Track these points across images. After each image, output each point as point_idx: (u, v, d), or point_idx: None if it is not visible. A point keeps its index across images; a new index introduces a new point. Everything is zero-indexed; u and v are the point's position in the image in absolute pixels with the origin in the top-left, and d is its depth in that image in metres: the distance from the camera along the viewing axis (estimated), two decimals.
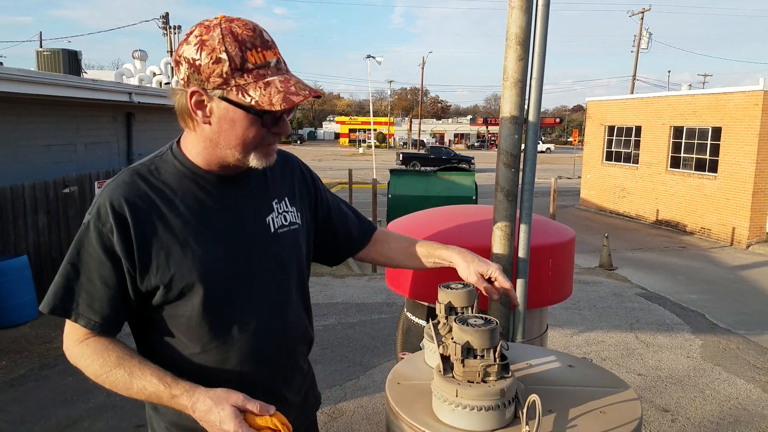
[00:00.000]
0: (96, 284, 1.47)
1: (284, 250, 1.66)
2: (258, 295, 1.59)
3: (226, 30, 1.39)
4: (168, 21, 28.06)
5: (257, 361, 1.60)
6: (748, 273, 12.05)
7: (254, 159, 1.49)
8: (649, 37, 38.43)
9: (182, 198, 1.52)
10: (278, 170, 1.74)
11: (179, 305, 1.51)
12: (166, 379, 1.42)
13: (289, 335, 1.69)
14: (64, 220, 8.57)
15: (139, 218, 1.47)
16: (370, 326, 7.54)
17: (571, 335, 7.52)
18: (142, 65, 16.11)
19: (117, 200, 1.46)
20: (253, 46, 1.40)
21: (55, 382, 5.73)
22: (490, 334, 1.37)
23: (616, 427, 1.37)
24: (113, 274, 1.47)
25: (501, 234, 2.32)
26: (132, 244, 1.46)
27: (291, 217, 1.70)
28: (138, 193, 1.49)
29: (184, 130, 1.57)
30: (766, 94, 14.52)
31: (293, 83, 1.42)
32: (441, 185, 13.16)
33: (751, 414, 5.42)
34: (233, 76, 1.39)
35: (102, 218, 1.46)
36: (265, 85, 1.39)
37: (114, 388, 1.47)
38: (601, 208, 21.37)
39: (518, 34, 2.15)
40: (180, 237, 1.49)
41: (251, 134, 1.45)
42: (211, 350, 1.55)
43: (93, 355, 1.48)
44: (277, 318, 1.64)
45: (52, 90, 8.32)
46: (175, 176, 1.54)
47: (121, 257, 1.46)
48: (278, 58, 1.45)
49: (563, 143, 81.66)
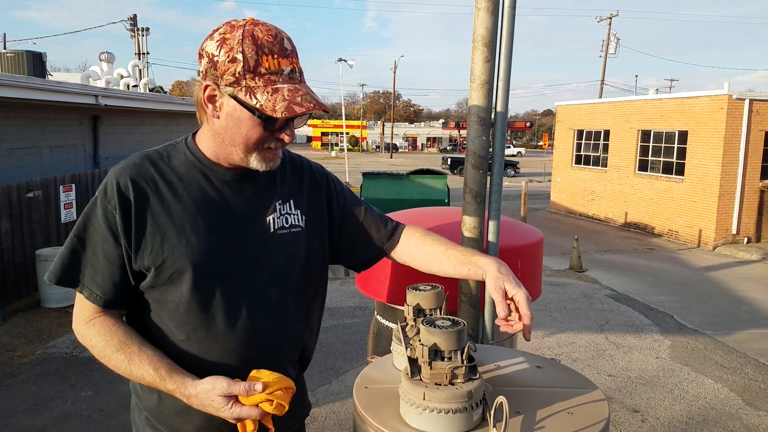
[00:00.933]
0: (100, 259, 1.53)
1: (281, 252, 1.65)
2: (248, 293, 1.59)
3: (248, 32, 1.44)
4: (136, 23, 27.73)
5: (240, 358, 1.58)
6: (714, 274, 12.25)
7: (255, 160, 1.53)
8: (617, 43, 38.99)
9: (186, 186, 1.56)
10: (288, 172, 1.75)
11: (169, 290, 1.54)
12: (160, 371, 1.48)
13: (278, 338, 1.66)
14: (28, 225, 8.40)
15: (141, 199, 1.52)
16: (343, 330, 7.50)
17: (542, 337, 7.56)
18: (109, 67, 15.89)
19: (123, 180, 1.52)
20: (270, 52, 1.44)
21: (18, 390, 5.61)
22: (458, 336, 1.35)
23: (583, 427, 1.36)
24: (114, 252, 1.52)
25: (470, 235, 2.31)
26: (131, 224, 1.51)
27: (293, 220, 1.69)
28: (144, 175, 1.55)
29: (198, 127, 1.64)
30: (731, 99, 14.79)
31: (301, 94, 1.46)
32: (413, 188, 13.16)
33: (719, 413, 5.50)
34: (245, 77, 1.44)
35: (108, 196, 1.52)
36: (273, 91, 1.44)
37: (117, 371, 1.53)
38: (571, 211, 21.57)
39: (485, 35, 2.15)
40: (178, 223, 1.53)
41: (254, 135, 1.49)
42: (195, 340, 1.56)
43: (98, 335, 1.53)
44: (267, 319, 1.62)
45: (15, 92, 8.16)
46: (183, 165, 1.59)
47: (120, 235, 1.51)
48: (294, 68, 1.49)
49: (534, 147, 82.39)
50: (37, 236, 8.58)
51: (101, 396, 5.45)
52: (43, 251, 8.26)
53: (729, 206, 15.30)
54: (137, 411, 1.70)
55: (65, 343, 6.87)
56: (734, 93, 14.81)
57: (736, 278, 11.79)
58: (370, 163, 47.71)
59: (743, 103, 14.80)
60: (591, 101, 21.84)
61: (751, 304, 9.75)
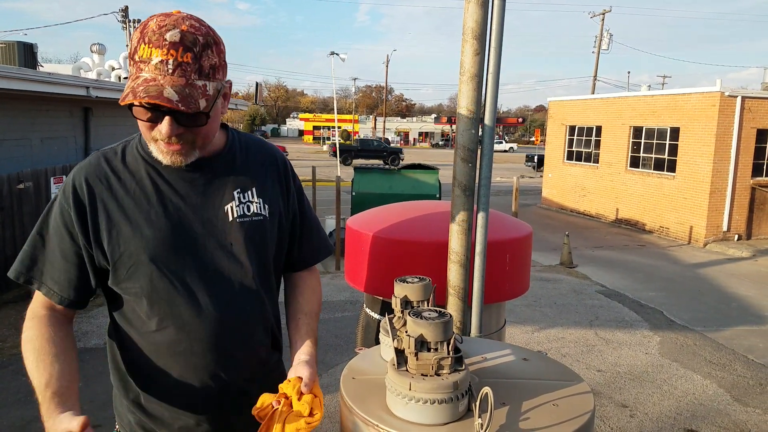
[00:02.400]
0: (57, 257, 1.58)
1: (244, 239, 1.66)
2: (209, 281, 1.61)
3: (145, 22, 1.46)
4: (127, 14, 27.49)
5: (210, 346, 1.61)
6: (705, 271, 12.31)
7: (155, 151, 1.56)
8: (609, 39, 39.01)
9: (139, 181, 1.60)
10: (250, 160, 1.75)
11: (130, 283, 1.58)
12: (47, 391, 1.48)
13: (245, 324, 1.68)
14: (19, 217, 8.35)
15: (95, 197, 1.57)
16: (333, 324, 7.51)
17: (531, 332, 7.59)
18: (100, 59, 15.78)
19: (79, 180, 1.58)
20: (149, 41, 1.42)
21: (8, 382, 5.58)
22: (444, 327, 1.36)
23: (568, 419, 1.37)
24: (71, 250, 1.57)
25: (458, 228, 2.31)
26: (87, 221, 1.56)
27: (255, 208, 1.70)
28: (99, 173, 1.59)
29: None
30: (723, 96, 14.84)
31: (148, 85, 1.41)
32: (405, 183, 13.17)
33: (708, 409, 5.54)
34: (130, 63, 1.47)
35: (65, 195, 1.58)
36: (134, 79, 1.44)
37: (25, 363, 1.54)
38: (563, 207, 21.63)
39: (474, 28, 2.15)
40: (131, 217, 1.57)
41: (141, 123, 1.50)
42: (164, 329, 1.59)
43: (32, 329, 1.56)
44: (231, 306, 1.64)
45: (6, 83, 8.10)
46: (135, 160, 1.62)
47: (78, 234, 1.56)
48: (165, 59, 1.42)
49: (526, 143, 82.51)
50: (27, 228, 8.53)
51: (91, 387, 5.43)
52: None
53: (720, 203, 15.37)
54: (119, 399, 1.73)
55: None
56: (726, 90, 14.86)
57: (726, 275, 11.86)
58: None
59: (735, 100, 14.86)
60: (583, 97, 21.87)
61: (740, 301, 9.81)
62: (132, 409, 1.68)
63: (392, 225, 2.73)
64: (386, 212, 2.99)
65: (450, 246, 2.36)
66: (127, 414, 1.69)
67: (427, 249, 2.59)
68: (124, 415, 1.71)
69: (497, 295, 2.66)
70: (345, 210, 12.37)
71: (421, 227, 2.72)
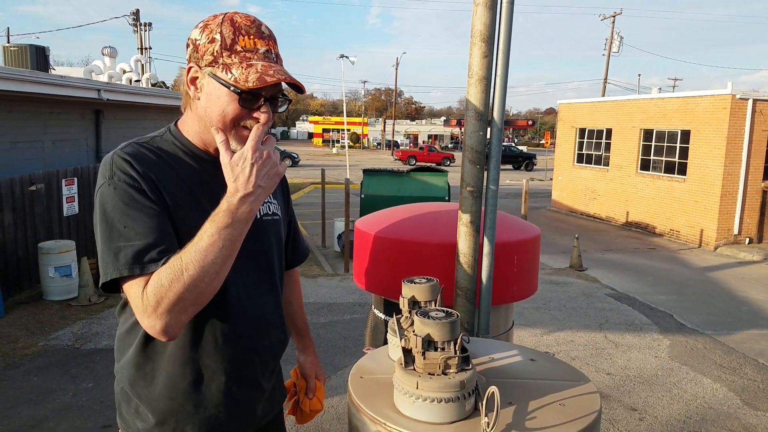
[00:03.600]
0: (157, 229, 1.45)
1: (268, 238, 1.73)
2: (240, 278, 1.63)
3: (228, 17, 1.52)
4: (138, 18, 27.70)
5: (234, 342, 1.64)
6: (715, 274, 12.24)
7: (231, 141, 1.53)
8: (620, 41, 38.89)
9: (183, 170, 1.59)
10: None
11: None
12: (215, 217, 1.42)
13: (267, 321, 1.74)
14: (31, 218, 8.42)
15: (150, 173, 1.51)
16: (342, 326, 7.52)
17: (541, 335, 7.57)
18: (111, 62, 15.87)
19: (129, 159, 1.50)
20: (247, 33, 1.51)
21: (20, 382, 5.63)
22: (451, 327, 1.37)
23: (575, 419, 1.38)
24: (163, 214, 1.48)
25: (466, 230, 2.32)
26: (157, 189, 1.50)
27: (273, 208, 1.78)
28: (144, 158, 1.54)
29: (175, 119, 1.69)
30: (734, 98, 14.75)
31: (274, 69, 1.49)
32: (414, 185, 13.18)
33: (717, 413, 5.51)
34: (222, 55, 1.49)
35: (127, 174, 1.48)
36: (247, 66, 1.48)
37: (200, 269, 1.39)
38: (572, 210, 21.56)
39: (483, 31, 2.16)
40: (182, 203, 1.54)
41: (230, 112, 1.50)
42: (189, 325, 1.56)
43: (158, 275, 1.40)
44: (258, 302, 1.70)
45: (19, 86, 8.18)
46: (173, 152, 1.61)
47: (156, 200, 1.48)
48: (269, 49, 1.54)
49: (535, 145, 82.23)
50: (39, 229, 8.60)
51: (102, 388, 5.48)
52: (46, 244, 8.29)
53: (731, 206, 15.28)
54: (125, 405, 1.67)
55: (67, 335, 6.90)
56: (738, 93, 14.77)
57: (737, 279, 11.79)
58: (371, 160, 47.70)
59: (747, 102, 14.77)
60: (593, 100, 21.80)
61: (751, 305, 9.75)
62: (140, 412, 1.63)
63: (400, 226, 2.74)
64: (394, 214, 3.00)
65: (458, 247, 2.37)
66: (134, 420, 1.65)
67: (435, 250, 2.60)
68: (131, 422, 1.66)
69: (505, 297, 2.67)
70: (354, 212, 12.39)
71: (429, 228, 2.73)
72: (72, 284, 8.27)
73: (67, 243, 8.44)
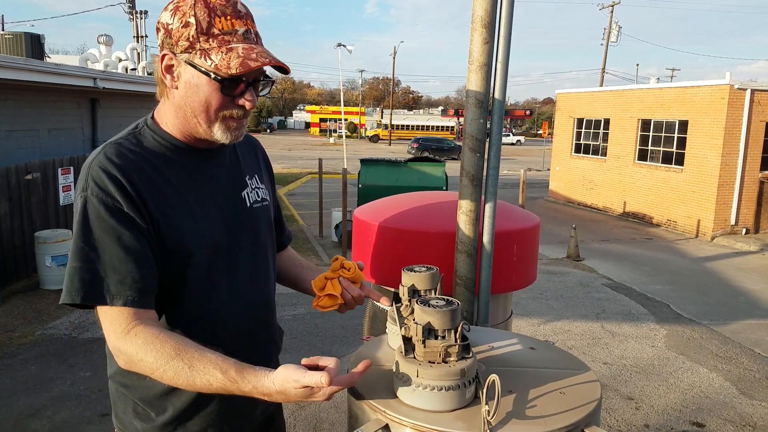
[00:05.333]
0: (120, 257, 1.39)
1: (259, 225, 1.70)
2: (238, 268, 1.62)
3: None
4: (134, 5, 27.55)
5: (233, 336, 1.61)
6: (712, 264, 12.27)
7: (218, 131, 1.49)
8: (618, 31, 38.80)
9: (169, 168, 1.52)
10: (246, 150, 1.78)
11: (167, 272, 1.50)
12: (229, 373, 1.32)
13: (265, 309, 1.73)
14: (27, 207, 8.40)
15: (135, 183, 1.43)
16: (340, 316, 7.51)
17: (538, 324, 7.59)
18: (107, 50, 15.77)
19: (109, 169, 1.42)
20: (223, 14, 1.43)
21: (17, 371, 5.63)
22: (452, 315, 1.36)
23: (575, 407, 1.37)
24: (133, 238, 1.40)
25: (466, 218, 2.31)
26: (138, 204, 1.42)
27: (262, 194, 1.74)
28: (127, 162, 1.45)
29: (157, 105, 1.58)
30: (732, 88, 14.74)
31: (257, 51, 1.43)
32: (411, 175, 13.14)
33: (714, 402, 5.53)
34: (198, 40, 1.41)
35: (101, 187, 1.40)
36: (227, 51, 1.41)
37: (173, 383, 1.37)
38: (570, 200, 21.57)
39: (483, 16, 2.14)
40: (174, 205, 1.49)
41: (214, 101, 1.45)
42: (186, 321, 1.55)
43: (145, 346, 1.36)
44: (255, 291, 1.68)
45: (14, 74, 8.12)
46: (156, 148, 1.52)
47: (134, 217, 1.41)
48: (248, 29, 1.46)
49: (533, 136, 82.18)
50: (35, 218, 8.58)
51: (100, 377, 5.47)
52: (42, 233, 8.26)
53: (728, 197, 15.29)
54: (122, 405, 1.62)
55: (64, 324, 6.89)
56: (736, 83, 14.75)
57: (733, 269, 11.81)
58: (369, 150, 47.61)
59: (744, 93, 14.76)
60: (591, 89, 21.77)
61: (748, 295, 9.78)
62: (138, 411, 1.59)
63: (400, 215, 2.73)
64: (394, 202, 2.99)
65: (457, 236, 2.36)
66: (132, 420, 1.60)
67: (434, 239, 2.59)
68: (128, 422, 1.62)
69: (504, 286, 2.66)
70: (351, 203, 12.37)
71: (429, 217, 2.72)
72: None
73: (63, 232, 8.42)
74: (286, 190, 22.19)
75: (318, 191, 14.15)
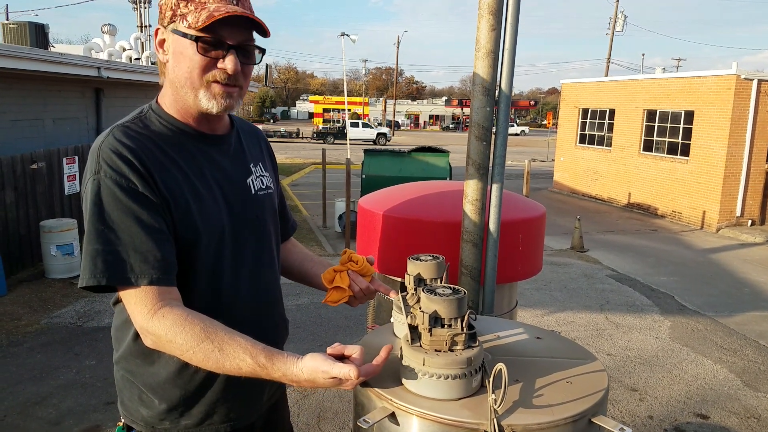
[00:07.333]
0: (140, 236, 1.38)
1: (264, 212, 1.70)
2: (244, 255, 1.62)
3: None
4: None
5: (239, 324, 1.55)
6: (717, 256, 12.24)
7: (204, 98, 1.49)
8: (624, 20, 38.62)
9: (176, 152, 1.51)
10: (249, 138, 1.78)
11: (191, 258, 1.51)
12: (259, 358, 1.33)
13: (270, 296, 1.73)
14: (32, 196, 8.41)
15: (146, 163, 1.42)
16: (344, 306, 7.46)
17: (542, 315, 7.58)
18: (111, 40, 15.74)
19: (120, 150, 1.41)
20: None
21: (24, 359, 5.65)
22: (458, 304, 1.36)
23: (582, 396, 1.37)
24: (150, 216, 1.40)
25: (472, 208, 2.30)
26: (151, 183, 1.41)
27: (267, 182, 1.74)
28: (137, 144, 1.44)
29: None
30: (739, 78, 14.65)
31: (228, 8, 1.43)
32: (415, 166, 13.13)
33: (718, 393, 5.52)
34: (179, 7, 1.44)
35: (114, 168, 1.39)
36: (200, 9, 1.42)
37: (202, 364, 1.37)
38: (574, 191, 21.51)
39: (491, 3, 2.12)
40: (183, 187, 1.48)
41: (195, 66, 1.45)
42: (193, 308, 1.51)
43: (173, 327, 1.36)
44: (261, 278, 1.67)
45: (18, 63, 8.11)
46: (162, 131, 1.53)
47: (149, 195, 1.40)
48: None
49: (537, 126, 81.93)
50: (41, 207, 8.60)
51: (105, 365, 5.49)
52: (47, 222, 8.28)
53: (734, 188, 15.23)
54: (128, 392, 1.62)
55: (70, 313, 6.91)
56: (742, 73, 14.65)
57: (739, 260, 11.78)
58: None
59: (751, 83, 14.66)
60: (597, 79, 21.65)
61: (753, 287, 9.75)
62: (143, 398, 1.59)
63: (405, 204, 2.72)
64: (399, 192, 2.98)
65: (463, 225, 2.35)
66: (138, 408, 1.60)
67: (439, 228, 2.58)
68: (134, 410, 1.61)
69: (510, 275, 2.65)
70: (355, 193, 12.36)
71: (434, 206, 2.71)
72: (74, 262, 8.27)
73: (68, 221, 8.43)
74: (290, 180, 22.18)
75: (321, 181, 14.14)
